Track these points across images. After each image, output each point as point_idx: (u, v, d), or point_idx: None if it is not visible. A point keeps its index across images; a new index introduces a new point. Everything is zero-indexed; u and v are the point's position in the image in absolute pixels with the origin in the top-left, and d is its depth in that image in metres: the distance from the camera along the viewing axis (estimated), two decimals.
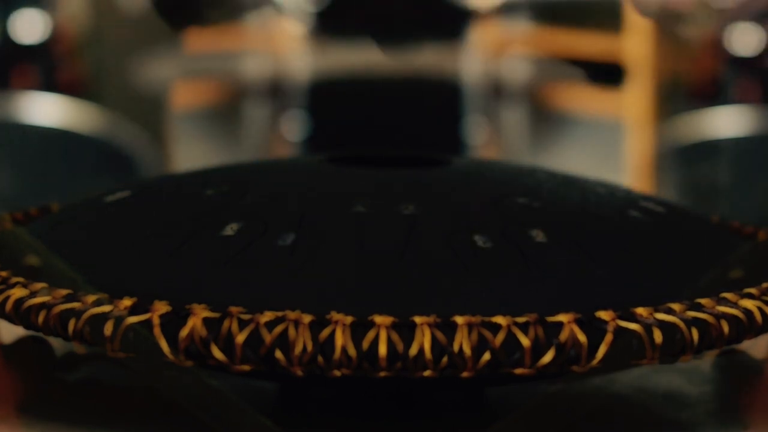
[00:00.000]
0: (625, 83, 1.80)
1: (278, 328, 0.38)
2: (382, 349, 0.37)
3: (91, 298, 0.40)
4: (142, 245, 0.44)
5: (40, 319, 0.41)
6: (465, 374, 0.38)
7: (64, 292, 0.41)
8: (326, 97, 1.87)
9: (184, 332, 0.38)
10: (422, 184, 0.47)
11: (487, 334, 0.38)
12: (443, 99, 1.88)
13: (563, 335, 0.38)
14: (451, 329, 0.38)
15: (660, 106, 1.74)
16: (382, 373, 0.38)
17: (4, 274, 0.44)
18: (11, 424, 0.42)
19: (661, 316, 0.40)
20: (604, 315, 0.39)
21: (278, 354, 0.38)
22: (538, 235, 0.43)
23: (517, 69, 1.93)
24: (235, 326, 0.38)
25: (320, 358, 0.38)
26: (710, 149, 1.49)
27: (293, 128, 1.84)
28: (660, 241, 0.46)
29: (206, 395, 0.42)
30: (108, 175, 1.45)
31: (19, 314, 0.42)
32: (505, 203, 0.45)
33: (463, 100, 1.87)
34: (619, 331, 0.39)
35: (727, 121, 1.49)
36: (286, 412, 0.43)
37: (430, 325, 0.38)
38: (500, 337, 0.38)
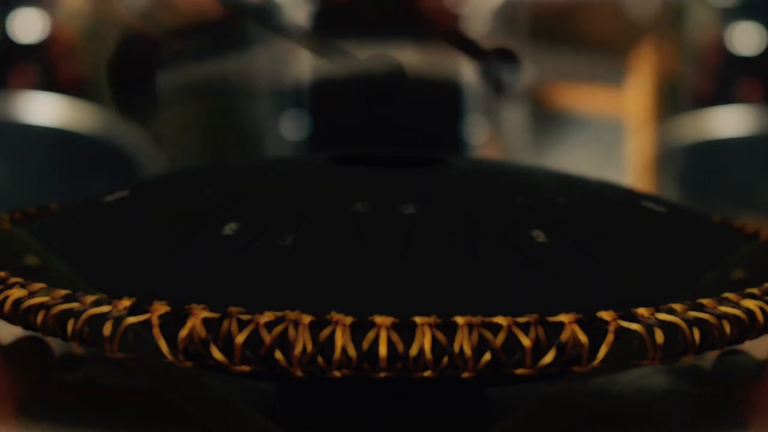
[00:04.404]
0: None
1: (278, 329, 0.38)
2: (383, 350, 0.37)
3: (90, 299, 0.40)
4: (141, 245, 0.43)
5: (39, 319, 0.41)
6: (465, 375, 0.38)
7: (62, 292, 0.41)
8: (326, 97, 1.87)
9: (183, 333, 0.38)
10: (422, 184, 0.47)
11: (488, 334, 0.38)
12: (443, 99, 1.88)
13: (564, 335, 0.38)
14: (451, 329, 0.38)
15: (660, 106, 1.74)
16: (383, 374, 0.38)
17: (2, 274, 0.44)
18: (10, 425, 0.41)
19: (662, 316, 0.40)
20: (605, 315, 0.39)
21: (278, 354, 0.38)
22: (539, 235, 0.43)
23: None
24: (234, 327, 0.38)
25: (320, 359, 0.37)
26: (712, 149, 1.49)
27: (293, 128, 1.84)
28: (661, 241, 0.46)
29: (206, 396, 0.42)
30: (108, 175, 1.45)
31: (17, 314, 0.42)
32: (505, 203, 0.45)
33: (463, 100, 1.86)
34: (621, 332, 0.39)
35: (728, 121, 1.49)
36: (286, 412, 0.43)
37: (430, 325, 0.38)
38: (501, 337, 0.38)
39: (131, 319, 0.39)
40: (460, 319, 0.38)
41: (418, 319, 0.38)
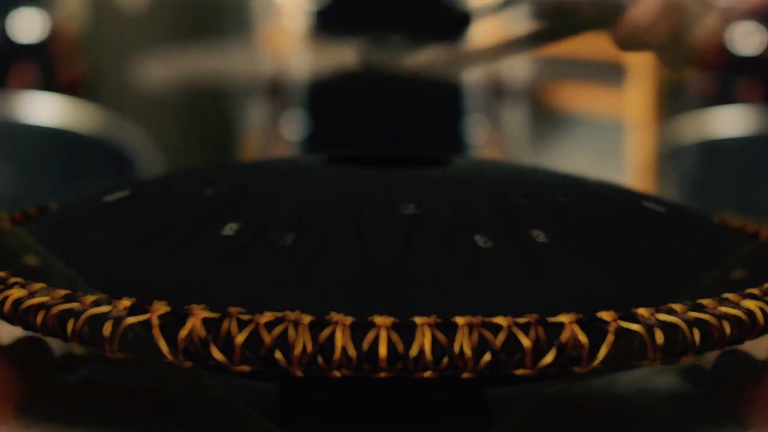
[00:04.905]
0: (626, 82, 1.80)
1: (278, 329, 0.38)
2: (383, 350, 0.37)
3: (89, 299, 0.40)
4: (142, 245, 0.43)
5: (39, 319, 0.41)
6: (465, 375, 0.38)
7: (62, 292, 0.41)
8: (326, 97, 1.87)
9: (183, 333, 0.38)
10: (422, 184, 0.47)
11: (488, 334, 0.38)
12: (443, 99, 1.88)
13: (564, 336, 0.38)
14: (451, 330, 0.38)
15: (661, 106, 1.74)
16: (383, 374, 0.38)
17: (2, 274, 0.44)
18: (10, 425, 0.41)
19: (662, 316, 0.40)
20: (605, 315, 0.39)
21: (278, 354, 0.38)
22: (539, 235, 0.43)
23: (517, 69, 1.93)
24: (234, 327, 0.38)
25: (320, 359, 0.37)
26: (712, 149, 1.49)
27: (293, 128, 1.84)
28: (661, 241, 0.46)
29: (206, 396, 0.42)
30: (107, 175, 1.45)
31: (17, 314, 0.42)
32: (505, 203, 0.45)
33: (463, 100, 1.86)
34: (621, 332, 0.39)
35: (729, 121, 1.49)
36: (286, 412, 0.43)
37: (430, 325, 0.38)
38: (501, 337, 0.38)
39: (131, 319, 0.39)
40: (460, 319, 0.38)
41: (418, 320, 0.38)
